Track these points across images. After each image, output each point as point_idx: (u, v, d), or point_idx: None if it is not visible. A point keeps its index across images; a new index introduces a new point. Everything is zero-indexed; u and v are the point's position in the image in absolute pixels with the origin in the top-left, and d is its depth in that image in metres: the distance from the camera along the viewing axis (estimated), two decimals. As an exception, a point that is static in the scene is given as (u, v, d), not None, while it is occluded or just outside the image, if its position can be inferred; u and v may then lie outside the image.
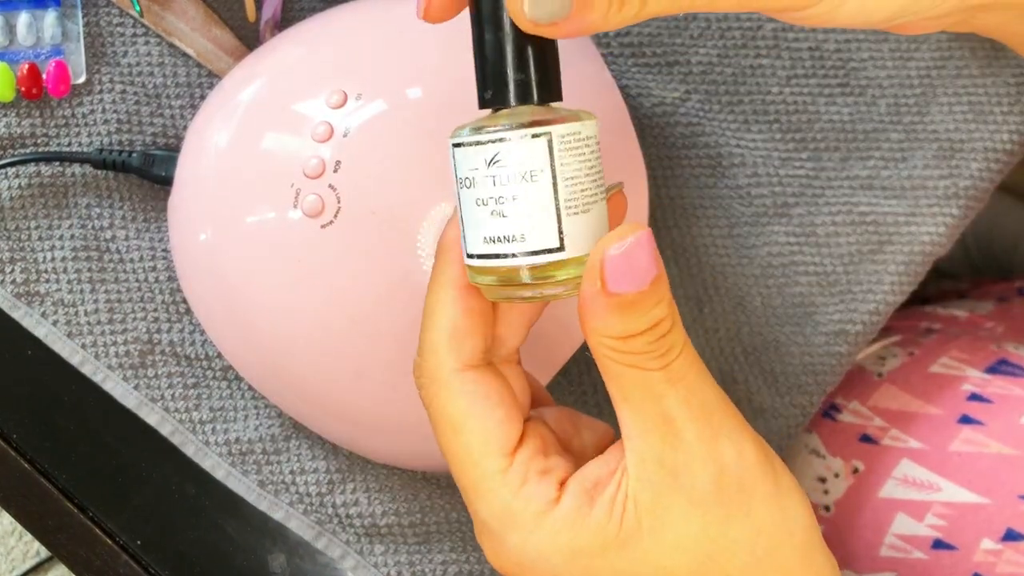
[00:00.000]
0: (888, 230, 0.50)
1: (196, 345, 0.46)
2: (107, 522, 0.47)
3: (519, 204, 0.29)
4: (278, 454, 0.46)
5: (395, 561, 0.46)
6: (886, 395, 0.57)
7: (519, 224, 0.29)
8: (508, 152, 0.29)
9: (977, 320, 0.65)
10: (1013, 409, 0.52)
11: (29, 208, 0.46)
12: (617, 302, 0.29)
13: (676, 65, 0.50)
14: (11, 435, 0.47)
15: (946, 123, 0.50)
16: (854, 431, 0.57)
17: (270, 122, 0.41)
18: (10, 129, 0.46)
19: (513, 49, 0.29)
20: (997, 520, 0.50)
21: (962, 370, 0.56)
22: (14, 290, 0.45)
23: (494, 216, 0.30)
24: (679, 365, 0.30)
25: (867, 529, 0.54)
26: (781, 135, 0.50)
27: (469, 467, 0.32)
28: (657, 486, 0.30)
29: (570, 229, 0.29)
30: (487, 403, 0.32)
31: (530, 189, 0.29)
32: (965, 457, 0.52)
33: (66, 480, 0.47)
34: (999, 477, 0.51)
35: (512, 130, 0.29)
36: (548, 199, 0.29)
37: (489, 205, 0.29)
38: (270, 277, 0.41)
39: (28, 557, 1.11)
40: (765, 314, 0.49)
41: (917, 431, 0.54)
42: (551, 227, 0.29)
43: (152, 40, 0.47)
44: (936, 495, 0.52)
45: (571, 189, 0.29)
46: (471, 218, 0.30)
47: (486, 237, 0.30)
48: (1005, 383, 0.54)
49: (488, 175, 0.29)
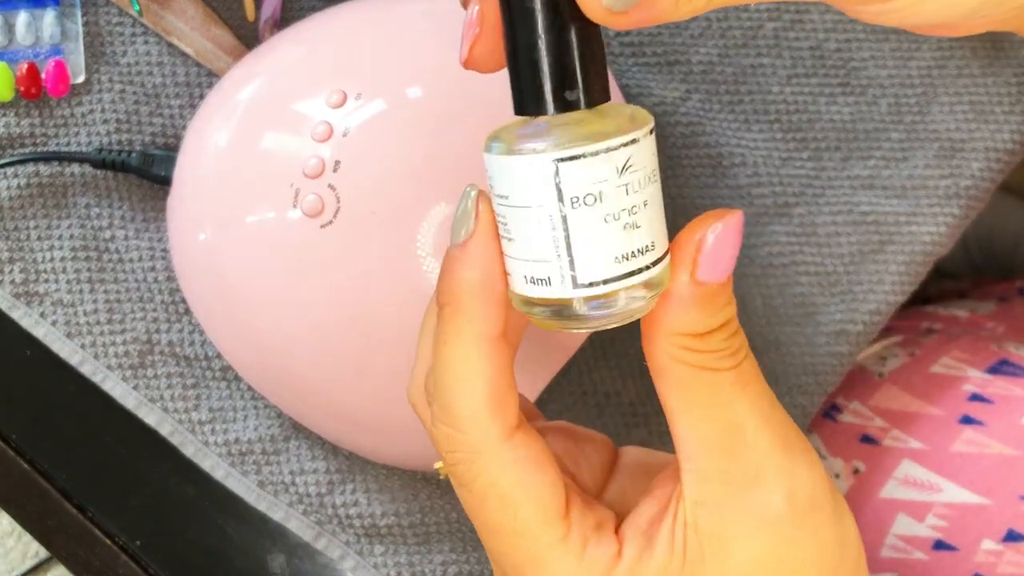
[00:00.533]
0: (889, 230, 0.50)
1: (195, 345, 0.46)
2: (106, 522, 0.47)
3: (650, 209, 0.26)
4: (277, 454, 0.46)
5: (395, 562, 0.46)
6: (887, 395, 0.57)
7: (650, 231, 0.26)
8: (639, 154, 0.26)
9: (978, 320, 0.65)
10: (1014, 409, 0.52)
11: (28, 208, 0.46)
12: (703, 292, 0.27)
13: (676, 64, 0.49)
14: (10, 435, 0.47)
15: (947, 123, 0.50)
16: (855, 431, 0.57)
17: (269, 122, 0.41)
18: (9, 129, 0.46)
19: (585, 41, 0.26)
20: (998, 521, 0.50)
21: (963, 370, 0.56)
22: (13, 290, 0.45)
23: (628, 230, 0.26)
24: (748, 367, 0.28)
25: (868, 530, 0.54)
26: (782, 135, 0.50)
27: (527, 542, 0.29)
28: (721, 507, 0.28)
29: (666, 228, 0.27)
30: (538, 468, 0.28)
31: (654, 191, 0.27)
32: (966, 458, 0.52)
33: (65, 480, 0.47)
34: (1000, 478, 0.51)
35: (640, 127, 0.26)
36: (661, 198, 0.27)
37: (622, 218, 0.26)
38: (269, 277, 0.41)
39: (27, 558, 1.11)
40: (766, 314, 0.49)
41: (918, 431, 0.54)
42: (665, 227, 0.27)
43: (151, 39, 0.47)
44: (937, 496, 0.52)
45: (659, 184, 0.27)
46: (592, 240, 0.26)
47: (618, 256, 0.26)
48: (1006, 383, 0.54)
49: (621, 184, 0.26)
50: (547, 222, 0.26)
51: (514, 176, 0.26)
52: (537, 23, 0.26)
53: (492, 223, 0.27)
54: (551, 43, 0.26)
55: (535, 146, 0.26)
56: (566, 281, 0.26)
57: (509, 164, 0.26)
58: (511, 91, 0.27)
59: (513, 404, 0.28)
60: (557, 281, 0.26)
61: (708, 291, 0.27)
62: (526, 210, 0.26)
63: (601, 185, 0.26)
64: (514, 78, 0.27)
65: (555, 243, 0.26)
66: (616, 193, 0.26)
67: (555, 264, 0.26)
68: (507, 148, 0.26)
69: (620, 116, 0.26)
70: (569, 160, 0.25)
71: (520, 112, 0.27)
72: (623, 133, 0.25)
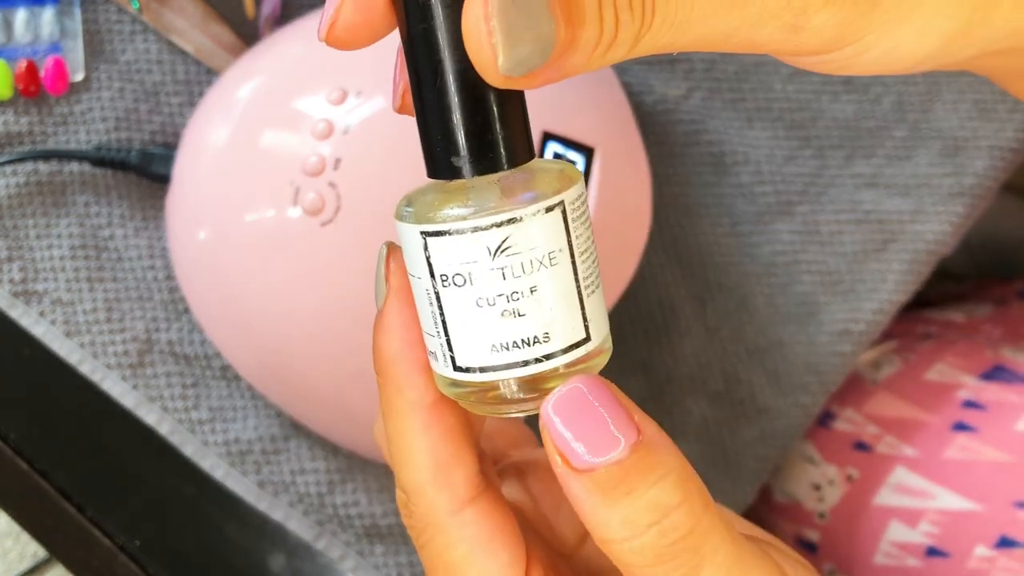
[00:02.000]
0: (892, 228, 0.50)
1: (195, 344, 0.46)
2: (105, 522, 0.47)
3: (541, 297, 0.23)
4: (277, 454, 0.46)
5: (395, 562, 0.46)
6: (881, 402, 0.57)
7: (541, 321, 0.23)
8: (523, 234, 0.22)
9: (975, 323, 0.65)
10: (1008, 416, 0.52)
11: (27, 206, 0.46)
12: (594, 481, 0.22)
13: (679, 62, 0.49)
14: (8, 435, 0.47)
15: (950, 121, 0.50)
16: (849, 438, 0.57)
17: (269, 119, 0.41)
18: (8, 127, 0.45)
19: (489, 100, 0.23)
20: (991, 527, 0.50)
21: (957, 377, 0.56)
22: (12, 288, 0.45)
23: (506, 317, 0.23)
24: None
25: (862, 536, 0.54)
26: (784, 132, 0.50)
27: None
28: None
29: (592, 313, 0.24)
30: (491, 547, 0.26)
31: (551, 275, 0.23)
32: (959, 464, 0.52)
33: (64, 480, 0.47)
34: (993, 484, 0.51)
35: (526, 205, 0.22)
36: (570, 283, 0.23)
37: (498, 305, 0.23)
38: (269, 275, 0.41)
39: (25, 559, 1.11)
40: (768, 313, 0.49)
41: (911, 438, 0.54)
42: (577, 317, 0.23)
43: (150, 37, 0.47)
44: (930, 502, 0.52)
45: (586, 265, 0.24)
46: (465, 324, 0.23)
47: (495, 345, 0.23)
48: (1000, 389, 0.54)
49: (495, 268, 0.22)
50: (425, 296, 0.24)
51: (403, 241, 0.24)
52: (429, 81, 0.23)
53: (404, 287, 0.25)
54: (437, 103, 0.23)
55: (408, 212, 0.23)
56: (448, 361, 0.24)
57: (399, 227, 0.24)
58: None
59: (462, 475, 0.26)
60: (441, 359, 0.24)
61: (600, 477, 0.22)
62: (415, 279, 0.24)
63: (470, 266, 0.23)
64: (420, 134, 0.24)
65: (434, 319, 0.24)
66: (489, 276, 0.23)
67: (437, 341, 0.24)
68: (398, 210, 0.24)
69: (522, 184, 0.23)
70: (434, 235, 0.23)
71: (429, 174, 0.24)
72: (499, 211, 0.22)
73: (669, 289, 0.48)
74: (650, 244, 0.49)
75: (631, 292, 0.48)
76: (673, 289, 0.49)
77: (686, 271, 0.49)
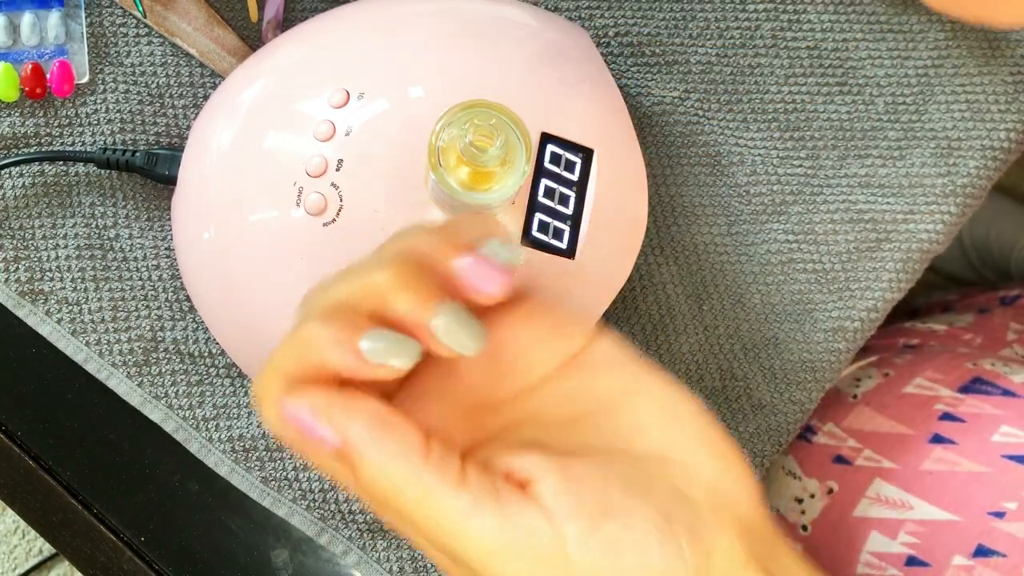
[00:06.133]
0: (886, 228, 0.50)
1: (199, 343, 0.47)
2: (111, 518, 0.47)
3: None
4: (281, 451, 0.46)
5: (398, 556, 0.46)
6: (860, 417, 0.57)
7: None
8: None
9: (955, 333, 0.65)
10: (984, 428, 0.53)
11: (33, 207, 0.46)
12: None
13: (675, 64, 0.50)
14: (15, 432, 0.47)
15: (944, 121, 0.51)
16: (828, 452, 0.57)
17: (273, 121, 0.42)
18: (14, 128, 0.46)
19: None
20: (968, 537, 0.50)
21: (935, 390, 0.56)
22: (18, 288, 0.46)
23: None
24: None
25: (842, 547, 0.55)
26: (779, 134, 0.50)
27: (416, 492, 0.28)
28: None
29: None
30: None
31: None
32: (937, 476, 0.52)
33: (70, 477, 0.47)
34: (970, 495, 0.51)
35: None
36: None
37: None
38: (273, 275, 0.41)
39: (31, 555, 1.11)
40: (764, 311, 0.49)
41: (890, 451, 0.55)
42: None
43: (155, 40, 0.47)
44: (908, 513, 0.52)
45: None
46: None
47: None
48: (978, 401, 0.54)
49: None
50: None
51: None
52: None
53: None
54: None
55: None
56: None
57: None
58: None
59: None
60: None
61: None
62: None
63: None
64: None
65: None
66: None
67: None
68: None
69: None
70: None
71: None
72: None
73: (666, 288, 0.49)
74: (647, 244, 0.49)
75: (629, 291, 0.49)
76: (670, 288, 0.49)
77: (683, 270, 0.49)
